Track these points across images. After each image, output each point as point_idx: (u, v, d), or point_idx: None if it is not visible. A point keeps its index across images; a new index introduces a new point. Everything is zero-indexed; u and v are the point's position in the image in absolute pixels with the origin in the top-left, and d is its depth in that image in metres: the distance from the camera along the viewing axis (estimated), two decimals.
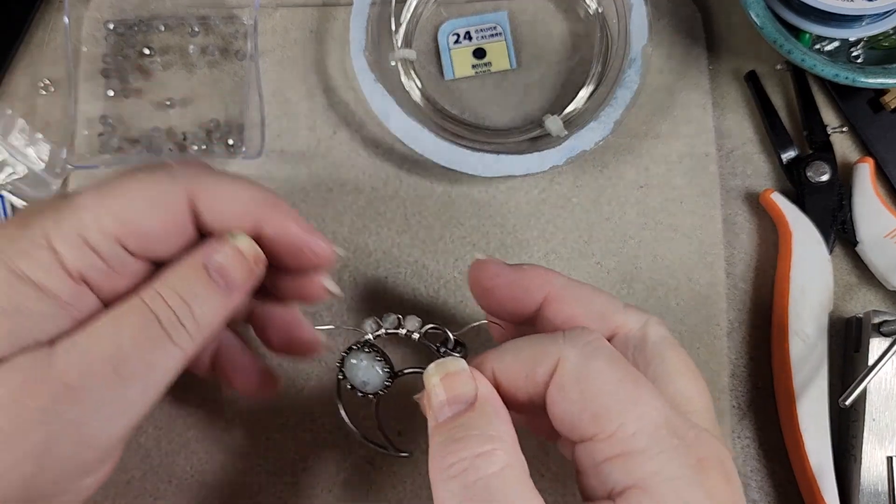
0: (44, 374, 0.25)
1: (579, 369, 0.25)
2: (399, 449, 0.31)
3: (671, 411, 0.24)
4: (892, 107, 0.42)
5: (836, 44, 0.43)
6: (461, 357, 0.28)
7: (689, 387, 0.27)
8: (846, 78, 0.40)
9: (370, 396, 0.30)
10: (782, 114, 0.43)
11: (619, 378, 0.24)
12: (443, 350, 0.29)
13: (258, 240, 0.29)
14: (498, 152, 0.41)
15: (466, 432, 0.24)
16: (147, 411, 0.27)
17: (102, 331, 0.26)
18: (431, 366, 0.26)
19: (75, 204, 0.26)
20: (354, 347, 0.30)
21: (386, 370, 0.29)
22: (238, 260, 0.28)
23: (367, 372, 0.29)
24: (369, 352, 0.29)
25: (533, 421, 0.30)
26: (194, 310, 0.27)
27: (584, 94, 0.43)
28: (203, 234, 0.29)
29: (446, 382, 0.25)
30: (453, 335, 0.29)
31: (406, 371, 0.30)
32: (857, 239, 0.41)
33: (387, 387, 0.29)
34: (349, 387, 0.30)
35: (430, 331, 0.30)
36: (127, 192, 0.27)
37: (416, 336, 0.29)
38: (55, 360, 0.25)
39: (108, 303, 0.28)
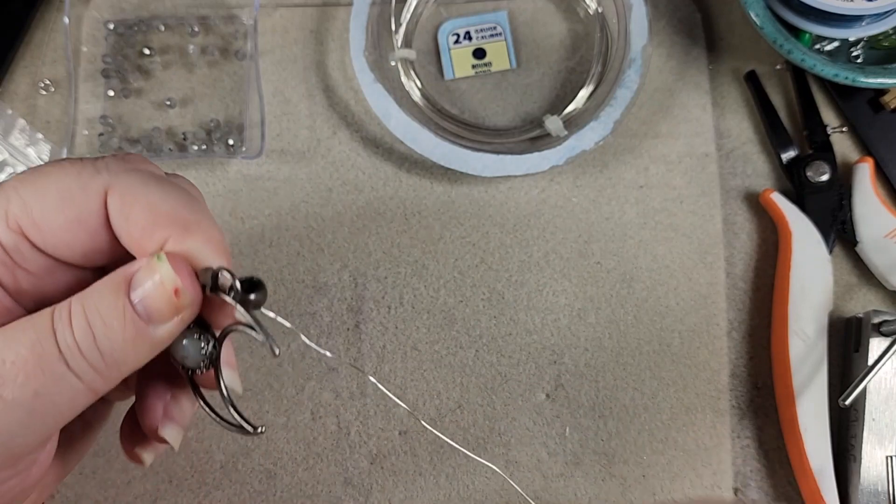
0: None
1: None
2: (252, 425, 0.28)
3: None
4: (892, 106, 0.42)
5: (835, 44, 0.43)
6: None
7: None
8: (846, 78, 0.40)
9: (199, 371, 0.27)
10: (782, 114, 0.43)
11: None
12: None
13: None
14: (498, 152, 0.41)
15: None
16: (38, 442, 0.24)
17: None
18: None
19: (2, 186, 0.24)
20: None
21: (202, 340, 0.26)
22: (161, 291, 0.23)
23: (185, 347, 0.26)
24: (189, 327, 0.26)
25: None
26: (99, 340, 0.23)
27: (583, 94, 0.43)
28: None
29: None
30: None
31: (223, 335, 0.27)
32: (857, 239, 0.41)
33: (205, 357, 0.26)
34: (181, 367, 0.27)
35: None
36: (43, 179, 0.24)
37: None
38: None
39: (36, 307, 0.25)
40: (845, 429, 0.38)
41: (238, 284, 0.25)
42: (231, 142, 0.43)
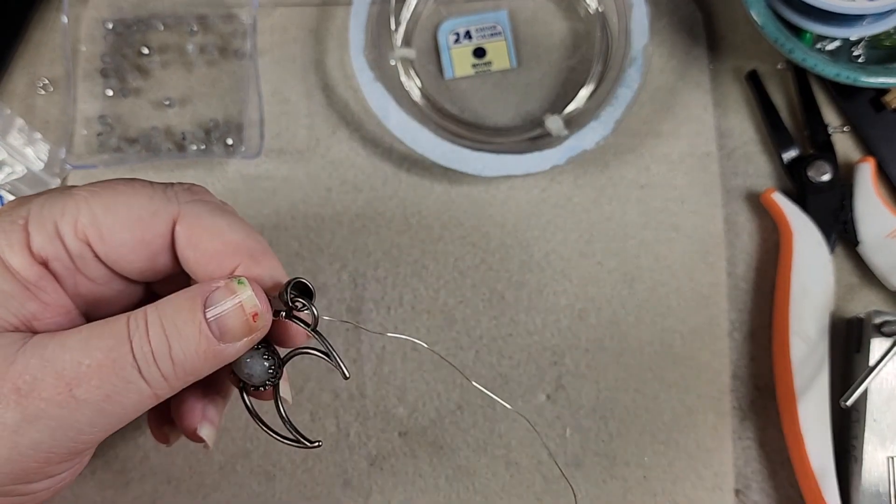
0: (2, 370, 0.23)
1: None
2: (309, 440, 0.29)
3: None
4: (894, 106, 0.42)
5: (837, 43, 0.43)
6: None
7: None
8: (847, 77, 0.39)
9: (262, 389, 0.28)
10: (783, 113, 0.43)
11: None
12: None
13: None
14: (498, 152, 0.41)
15: None
16: (100, 439, 0.25)
17: (71, 342, 0.24)
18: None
19: (69, 193, 0.26)
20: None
21: (268, 360, 0.28)
22: (239, 312, 0.25)
23: (251, 365, 0.27)
24: (257, 347, 0.28)
25: None
26: (173, 351, 0.24)
27: (584, 93, 0.43)
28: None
29: None
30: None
31: (289, 356, 0.29)
32: (859, 239, 0.41)
33: (272, 376, 0.28)
34: (241, 384, 0.29)
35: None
36: (115, 197, 0.26)
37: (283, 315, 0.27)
38: (20, 357, 0.24)
39: (87, 311, 0.27)
40: (847, 430, 0.38)
41: (316, 312, 0.27)
42: (230, 141, 0.43)
